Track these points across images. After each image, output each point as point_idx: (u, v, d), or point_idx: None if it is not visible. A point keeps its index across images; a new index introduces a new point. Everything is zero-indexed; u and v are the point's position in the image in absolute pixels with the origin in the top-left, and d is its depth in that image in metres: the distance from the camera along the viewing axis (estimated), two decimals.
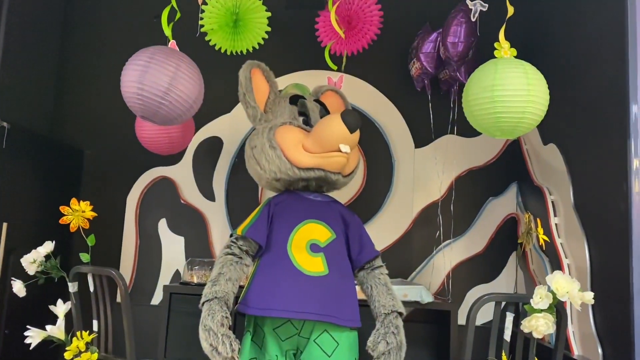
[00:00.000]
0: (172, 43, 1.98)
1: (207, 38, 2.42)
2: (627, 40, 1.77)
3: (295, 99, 2.09)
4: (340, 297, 1.84)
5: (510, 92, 1.71)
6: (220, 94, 2.66)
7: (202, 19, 2.37)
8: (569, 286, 1.62)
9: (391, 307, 1.86)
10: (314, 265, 1.83)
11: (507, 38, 1.88)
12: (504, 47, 1.84)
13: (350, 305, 1.86)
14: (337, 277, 1.86)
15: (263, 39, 2.44)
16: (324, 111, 2.11)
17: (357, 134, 1.92)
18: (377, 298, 1.90)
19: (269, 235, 1.91)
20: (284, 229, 1.90)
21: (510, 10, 1.91)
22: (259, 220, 1.94)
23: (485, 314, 2.10)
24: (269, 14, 2.39)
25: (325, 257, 1.85)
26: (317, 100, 2.15)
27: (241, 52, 2.52)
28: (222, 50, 2.46)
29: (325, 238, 1.90)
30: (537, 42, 2.60)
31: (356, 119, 1.88)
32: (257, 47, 2.43)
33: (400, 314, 1.87)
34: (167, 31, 2.01)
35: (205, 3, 2.35)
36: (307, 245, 1.86)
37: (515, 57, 1.85)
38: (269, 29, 2.43)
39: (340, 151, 1.89)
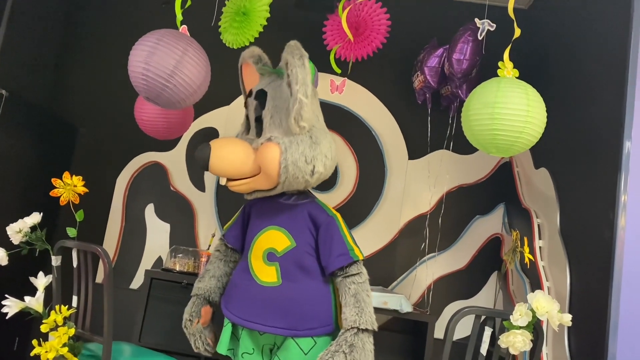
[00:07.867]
0: (184, 28, 1.99)
1: (221, 37, 2.44)
2: (627, 76, 1.81)
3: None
4: (293, 307, 1.79)
5: (510, 110, 1.74)
6: (221, 86, 2.65)
7: (219, 19, 2.39)
8: (549, 306, 1.64)
9: (352, 323, 1.70)
10: (268, 275, 1.82)
11: (510, 59, 1.91)
12: (507, 67, 1.87)
13: (308, 315, 1.79)
14: (292, 287, 1.81)
15: (265, 33, 2.38)
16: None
17: (215, 165, 1.77)
18: (344, 309, 1.76)
19: (246, 237, 1.98)
20: (251, 234, 1.92)
21: (517, 32, 1.94)
22: (235, 224, 2.04)
23: (461, 330, 2.11)
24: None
25: (280, 266, 1.81)
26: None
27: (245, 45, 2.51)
28: (230, 46, 2.46)
29: (283, 247, 1.83)
30: (539, 68, 2.64)
31: (197, 157, 1.80)
32: (257, 35, 2.35)
33: (364, 330, 1.71)
34: (179, 15, 2.01)
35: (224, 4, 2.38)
36: (264, 253, 1.84)
37: (517, 78, 1.88)
38: (268, 15, 2.31)
39: None
